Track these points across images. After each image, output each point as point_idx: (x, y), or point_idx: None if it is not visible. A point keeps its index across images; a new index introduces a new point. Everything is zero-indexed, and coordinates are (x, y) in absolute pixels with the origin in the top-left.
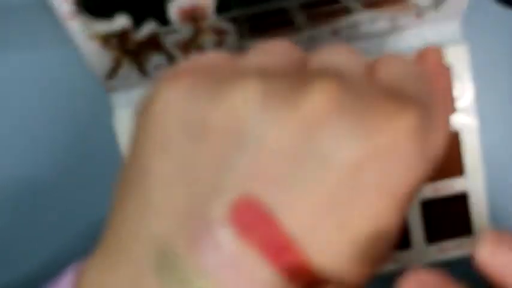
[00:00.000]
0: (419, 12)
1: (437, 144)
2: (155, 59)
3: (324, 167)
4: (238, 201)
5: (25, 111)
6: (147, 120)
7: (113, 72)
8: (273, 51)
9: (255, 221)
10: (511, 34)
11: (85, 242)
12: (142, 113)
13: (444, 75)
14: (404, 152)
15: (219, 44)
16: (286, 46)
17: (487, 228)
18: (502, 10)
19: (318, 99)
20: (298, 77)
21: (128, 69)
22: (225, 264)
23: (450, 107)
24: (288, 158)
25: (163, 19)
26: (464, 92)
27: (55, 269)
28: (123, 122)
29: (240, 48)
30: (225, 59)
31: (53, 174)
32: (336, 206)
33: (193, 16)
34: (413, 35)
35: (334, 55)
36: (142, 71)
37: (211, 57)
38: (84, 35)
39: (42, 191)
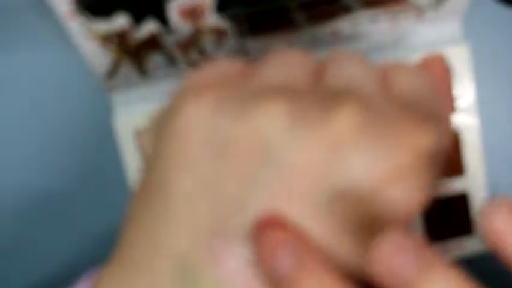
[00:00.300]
0: (420, 12)
1: (442, 147)
2: (155, 59)
3: (351, 187)
4: (263, 219)
5: (25, 112)
6: (169, 135)
7: (112, 72)
8: (289, 62)
9: (280, 240)
10: (511, 32)
11: (86, 242)
12: (164, 128)
13: (447, 83)
14: (424, 168)
15: (219, 43)
16: (300, 56)
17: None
18: (502, 10)
19: (345, 122)
20: (323, 97)
21: (127, 69)
22: (248, 278)
23: (451, 107)
24: (314, 177)
25: (163, 19)
26: (465, 91)
27: (63, 277)
28: (122, 122)
29: (239, 48)
30: (240, 68)
31: (52, 174)
32: (360, 222)
33: (193, 16)
34: (413, 35)
35: (349, 68)
36: (142, 70)
37: (227, 67)
38: (84, 34)
39: (42, 192)
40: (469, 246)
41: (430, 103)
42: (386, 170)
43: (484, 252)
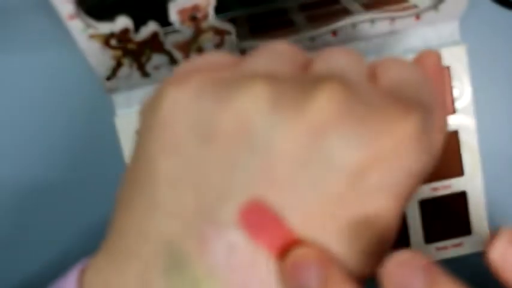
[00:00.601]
0: (419, 14)
1: (436, 144)
2: (155, 59)
3: (330, 169)
4: (247, 204)
5: (26, 112)
6: (155, 120)
7: (113, 73)
8: (277, 53)
9: (264, 223)
10: (509, 34)
11: (87, 242)
12: (149, 114)
13: (442, 77)
14: (407, 154)
15: (219, 44)
16: (289, 48)
17: (486, 227)
18: (499, 11)
19: (325, 104)
20: (305, 81)
21: (128, 70)
22: (235, 265)
23: (447, 108)
24: (295, 161)
25: (163, 19)
26: (462, 92)
27: (59, 269)
28: (124, 122)
29: (240, 49)
30: (229, 59)
31: (54, 173)
32: (343, 206)
33: (193, 16)
34: (412, 36)
35: (336, 58)
36: (143, 71)
37: (215, 58)
38: (85, 35)
39: (44, 190)
40: (468, 246)
41: (419, 93)
42: (366, 154)
43: (482, 252)
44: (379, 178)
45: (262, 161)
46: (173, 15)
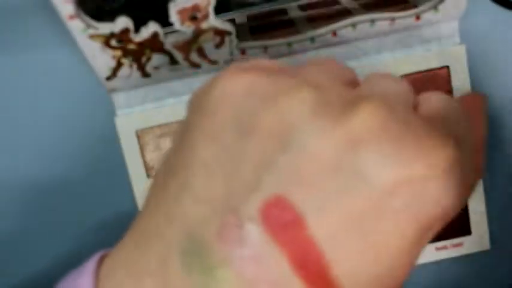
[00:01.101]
0: (419, 14)
1: (468, 184)
2: (156, 60)
3: (360, 183)
4: (271, 201)
5: (27, 112)
6: (202, 108)
7: (113, 73)
8: (326, 67)
9: (284, 222)
10: (508, 35)
11: (87, 241)
12: (198, 101)
13: (483, 121)
14: (437, 186)
15: (220, 44)
16: (338, 65)
17: (486, 227)
18: (499, 11)
19: (367, 118)
20: (350, 95)
21: (128, 70)
22: (248, 258)
23: (483, 155)
24: (327, 168)
25: (163, 20)
26: (462, 92)
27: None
28: (124, 122)
29: (240, 49)
30: (281, 66)
31: (55, 173)
32: (364, 222)
33: (193, 16)
34: (412, 36)
35: (385, 82)
36: (143, 71)
37: (268, 63)
38: (85, 35)
39: (44, 190)
40: (468, 246)
41: (459, 129)
42: (400, 175)
43: (482, 252)
44: (405, 202)
45: (294, 161)
46: (173, 15)
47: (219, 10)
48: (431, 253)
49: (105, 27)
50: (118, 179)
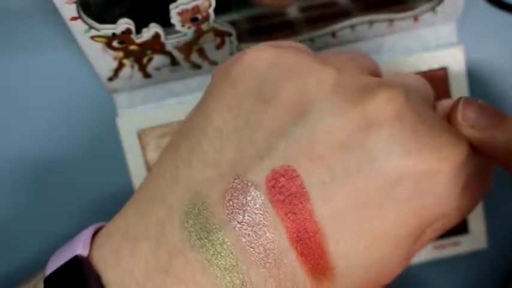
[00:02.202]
0: (417, 15)
1: (472, 198)
2: (157, 61)
3: (368, 164)
4: (279, 170)
5: (28, 113)
6: (225, 77)
7: (115, 74)
8: (350, 56)
9: (288, 194)
10: (506, 36)
11: None
12: (224, 70)
13: None
14: (444, 183)
15: (220, 45)
16: (362, 55)
17: (483, 226)
18: (496, 13)
19: (384, 104)
20: (371, 81)
21: (130, 71)
22: (248, 224)
23: (492, 168)
24: (338, 145)
25: (165, 21)
26: (459, 93)
27: None
28: (125, 123)
29: (240, 50)
30: (305, 48)
31: (56, 174)
32: (366, 205)
33: (194, 18)
34: (410, 37)
35: (407, 77)
36: (144, 72)
37: (296, 44)
38: (87, 36)
39: (48, 196)
40: (465, 245)
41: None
42: (409, 164)
43: (480, 250)
44: (409, 193)
45: (307, 134)
46: (174, 16)
47: (219, 11)
48: (429, 252)
49: (107, 29)
50: (119, 178)
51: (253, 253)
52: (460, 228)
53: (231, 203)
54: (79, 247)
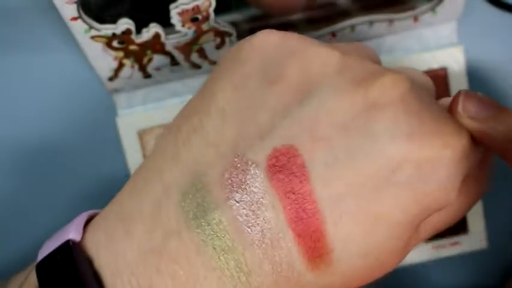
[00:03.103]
0: (417, 16)
1: (471, 193)
2: (157, 61)
3: (369, 146)
4: (280, 149)
5: (28, 112)
6: (232, 59)
7: (115, 74)
8: (356, 46)
9: (288, 172)
10: (506, 36)
11: None
12: (230, 54)
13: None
14: (446, 170)
15: (220, 45)
16: (368, 47)
17: (483, 226)
18: (496, 13)
19: (388, 87)
20: (376, 66)
21: (130, 71)
22: (246, 203)
23: (491, 167)
24: (340, 126)
25: (165, 21)
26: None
27: None
28: (125, 122)
29: None
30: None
31: (56, 174)
32: (367, 188)
33: (194, 18)
34: (410, 38)
35: (412, 71)
36: (144, 72)
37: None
38: (87, 36)
39: (47, 198)
40: (465, 244)
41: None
42: (411, 149)
43: (479, 250)
44: (409, 178)
45: (310, 114)
46: (174, 17)
47: (219, 11)
48: (429, 252)
49: (107, 29)
50: (119, 179)
51: (250, 233)
52: (460, 228)
53: (229, 181)
54: (71, 232)
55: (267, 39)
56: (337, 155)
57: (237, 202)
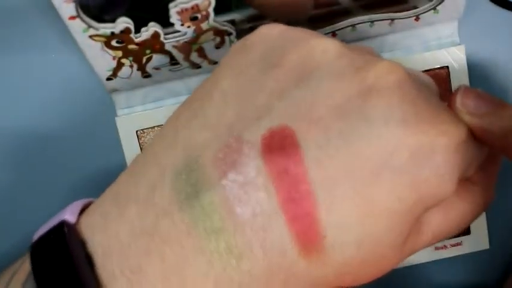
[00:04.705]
0: (418, 15)
1: (474, 202)
2: (156, 60)
3: (365, 130)
4: (275, 130)
5: (27, 112)
6: (240, 47)
7: (114, 73)
8: (359, 47)
9: (282, 152)
10: (507, 35)
11: None
12: (236, 46)
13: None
14: (443, 157)
15: (220, 44)
16: (371, 49)
17: (485, 227)
18: (498, 11)
19: (384, 74)
20: (374, 56)
21: (128, 70)
22: (239, 184)
23: (493, 187)
24: (336, 109)
25: (164, 20)
26: None
27: None
28: (124, 122)
29: None
30: None
31: (55, 174)
32: (362, 173)
33: (193, 17)
34: (411, 37)
35: (414, 70)
36: (143, 71)
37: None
38: (86, 36)
39: (46, 197)
40: (467, 245)
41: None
42: (406, 135)
43: (482, 251)
44: (406, 163)
45: (307, 97)
46: (174, 16)
47: (219, 10)
48: (431, 252)
49: (106, 28)
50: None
51: (241, 215)
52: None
53: (223, 162)
54: (66, 214)
55: (272, 29)
56: (331, 138)
57: (230, 182)
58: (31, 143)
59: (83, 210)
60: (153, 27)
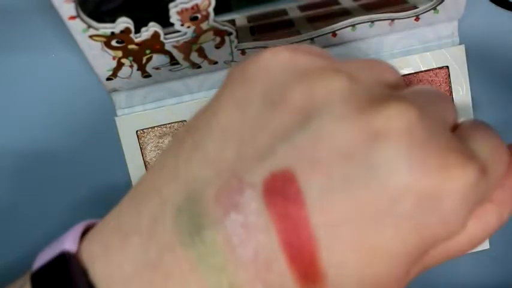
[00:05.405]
0: (418, 14)
1: (488, 222)
2: (156, 60)
3: (369, 177)
4: (277, 173)
5: (27, 112)
6: (238, 78)
7: (114, 73)
8: (370, 65)
9: (284, 197)
10: (507, 35)
11: None
12: (237, 71)
13: None
14: (449, 204)
15: (220, 44)
16: (384, 67)
17: None
18: (498, 11)
19: (394, 116)
20: (384, 92)
21: (128, 70)
22: (240, 225)
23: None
24: (340, 154)
25: (164, 20)
26: (460, 92)
27: None
28: (124, 122)
29: (240, 49)
30: (325, 53)
31: (55, 174)
32: (365, 218)
33: (193, 17)
34: (411, 37)
35: (429, 93)
36: (143, 71)
37: (316, 48)
38: (86, 36)
39: (46, 197)
40: None
41: (490, 158)
42: (413, 181)
43: (481, 251)
44: (410, 211)
45: (310, 140)
46: (174, 16)
47: (219, 10)
48: None
49: (106, 28)
50: (118, 178)
51: (243, 254)
52: None
53: (225, 201)
54: (67, 242)
55: (274, 59)
56: (335, 183)
57: (232, 222)
58: (29, 142)
59: (85, 232)
60: (153, 27)
